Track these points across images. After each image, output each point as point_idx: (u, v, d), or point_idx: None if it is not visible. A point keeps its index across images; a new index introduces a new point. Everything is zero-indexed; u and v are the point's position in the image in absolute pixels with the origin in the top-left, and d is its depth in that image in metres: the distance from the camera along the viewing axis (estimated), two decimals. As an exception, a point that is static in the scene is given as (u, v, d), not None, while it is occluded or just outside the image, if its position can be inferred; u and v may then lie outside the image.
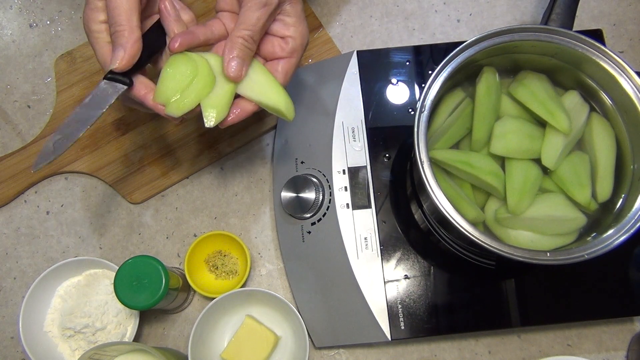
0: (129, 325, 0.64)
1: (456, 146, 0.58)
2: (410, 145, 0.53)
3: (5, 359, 0.67)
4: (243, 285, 0.65)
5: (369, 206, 0.63)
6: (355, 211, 0.62)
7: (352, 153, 0.64)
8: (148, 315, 0.67)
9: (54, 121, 0.71)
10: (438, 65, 0.53)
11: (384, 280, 0.61)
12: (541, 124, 0.56)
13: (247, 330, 0.62)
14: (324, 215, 0.63)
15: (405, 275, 0.61)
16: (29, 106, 0.73)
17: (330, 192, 0.63)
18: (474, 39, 0.53)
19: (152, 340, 0.67)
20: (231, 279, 0.67)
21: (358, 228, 0.62)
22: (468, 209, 0.54)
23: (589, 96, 0.57)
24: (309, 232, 0.64)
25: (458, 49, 0.53)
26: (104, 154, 0.70)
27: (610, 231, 0.49)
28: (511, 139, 0.55)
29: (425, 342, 0.65)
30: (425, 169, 0.50)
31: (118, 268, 0.57)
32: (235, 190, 0.71)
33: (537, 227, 0.54)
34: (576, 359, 0.60)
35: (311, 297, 0.63)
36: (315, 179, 0.63)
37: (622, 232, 0.49)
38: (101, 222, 0.70)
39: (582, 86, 0.57)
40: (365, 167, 0.64)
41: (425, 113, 0.52)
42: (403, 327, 0.60)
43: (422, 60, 0.68)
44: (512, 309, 0.61)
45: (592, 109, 0.57)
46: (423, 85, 0.54)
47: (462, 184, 0.57)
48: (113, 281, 0.57)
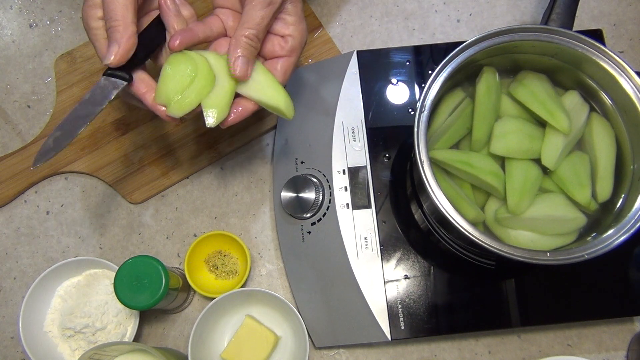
0: (129, 325, 0.64)
1: (456, 146, 0.58)
2: (410, 145, 0.53)
3: (5, 359, 0.67)
4: (243, 285, 0.65)
5: (369, 206, 0.63)
6: (355, 211, 0.62)
7: (352, 153, 0.64)
8: (148, 315, 0.67)
9: (54, 121, 0.70)
10: (438, 65, 0.53)
11: (384, 280, 0.61)
12: (541, 124, 0.56)
13: (247, 330, 0.62)
14: (324, 215, 0.63)
15: (405, 275, 0.61)
16: (29, 106, 0.73)
17: (330, 192, 0.63)
18: (474, 39, 0.53)
19: (152, 340, 0.67)
20: (231, 279, 0.67)
21: (358, 228, 0.62)
22: (468, 209, 0.54)
23: (589, 96, 0.57)
24: (309, 232, 0.64)
25: (458, 49, 0.53)
26: (103, 154, 0.70)
27: (610, 231, 0.49)
28: (511, 139, 0.55)
29: (425, 342, 0.65)
30: (425, 169, 0.50)
31: (118, 268, 0.57)
32: (235, 190, 0.70)
33: (537, 227, 0.54)
34: (576, 359, 0.60)
35: (311, 297, 0.63)
36: (315, 179, 0.63)
37: (622, 232, 0.49)
38: (101, 222, 0.70)
39: (582, 86, 0.57)
40: (365, 167, 0.64)
41: (425, 113, 0.52)
42: (403, 327, 0.60)
43: (422, 60, 0.68)
44: (512, 309, 0.61)
45: (592, 109, 0.57)
46: (423, 85, 0.54)
47: (462, 184, 0.57)
48: (113, 281, 0.57)
